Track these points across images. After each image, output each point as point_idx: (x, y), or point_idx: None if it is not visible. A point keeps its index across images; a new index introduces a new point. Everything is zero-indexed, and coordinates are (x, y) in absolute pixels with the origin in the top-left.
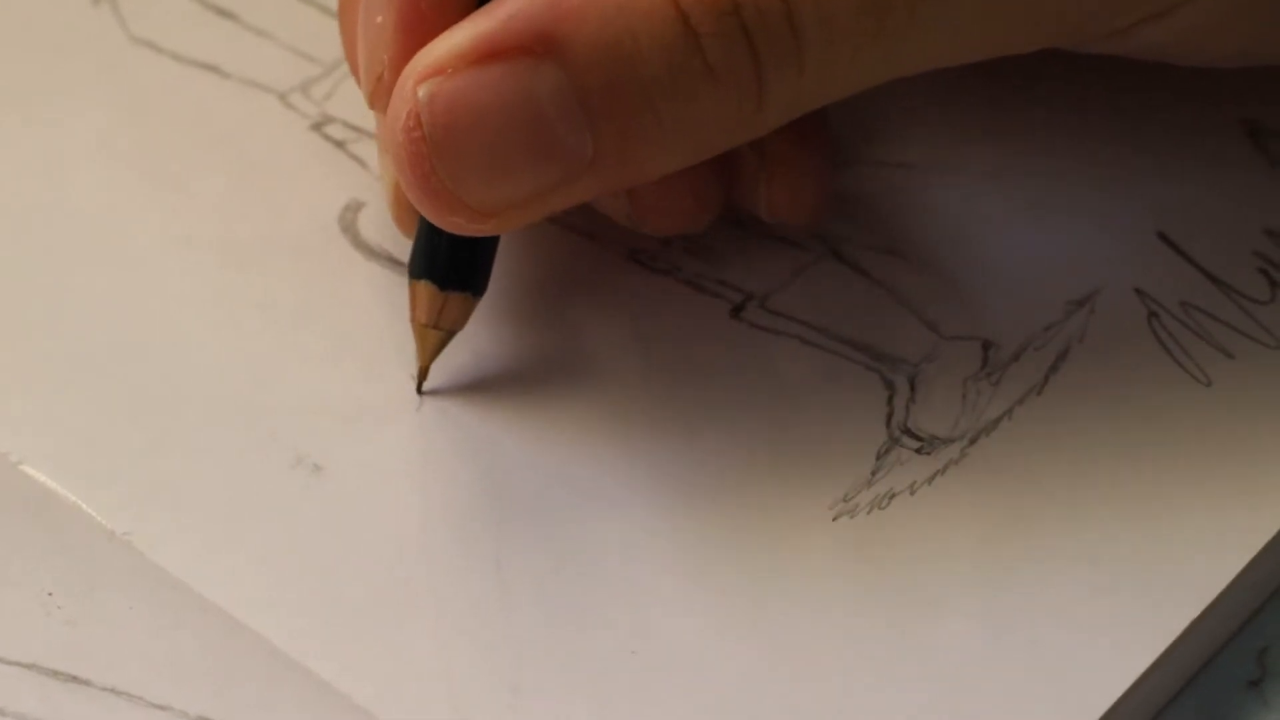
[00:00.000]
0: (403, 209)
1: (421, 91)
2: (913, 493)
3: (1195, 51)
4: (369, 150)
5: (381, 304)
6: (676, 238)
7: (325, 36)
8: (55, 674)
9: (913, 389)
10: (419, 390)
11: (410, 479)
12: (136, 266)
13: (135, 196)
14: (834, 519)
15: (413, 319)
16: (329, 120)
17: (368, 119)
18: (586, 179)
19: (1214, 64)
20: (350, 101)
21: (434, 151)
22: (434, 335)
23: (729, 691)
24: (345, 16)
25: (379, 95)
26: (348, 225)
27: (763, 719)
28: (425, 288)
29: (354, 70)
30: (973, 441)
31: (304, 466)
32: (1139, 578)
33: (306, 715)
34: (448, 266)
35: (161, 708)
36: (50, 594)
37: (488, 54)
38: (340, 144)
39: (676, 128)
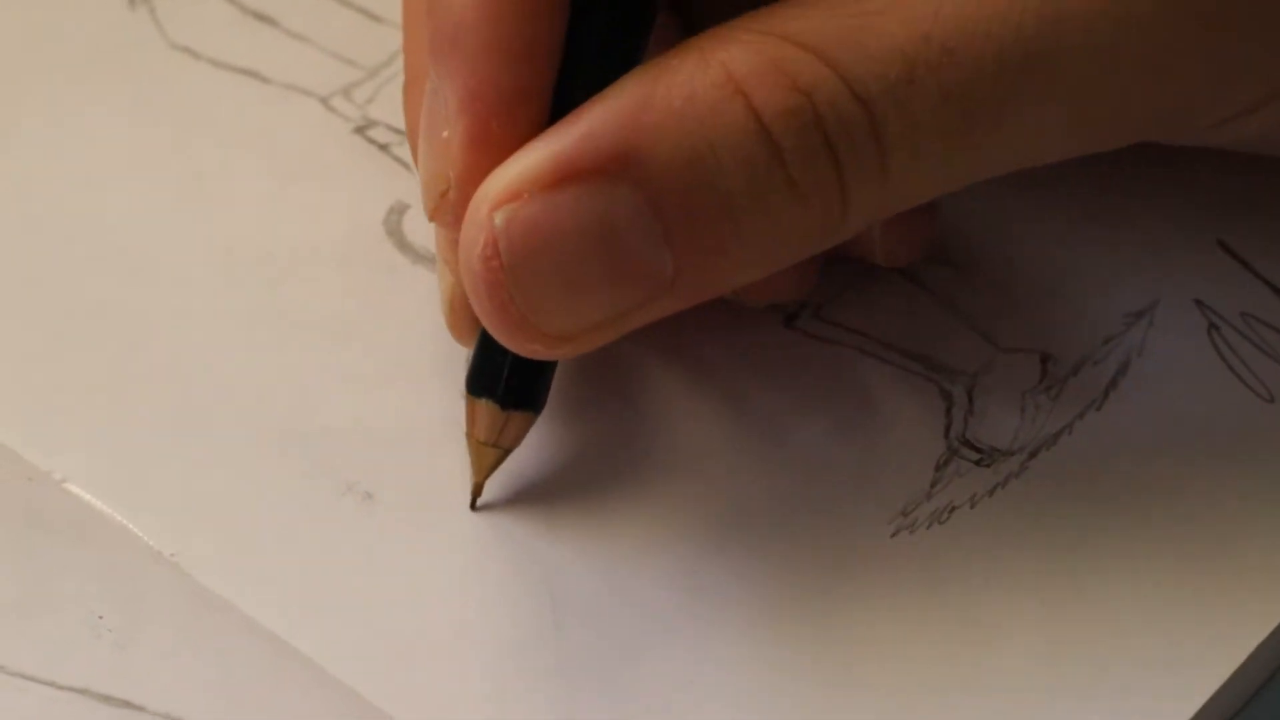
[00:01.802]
0: (459, 319)
1: (498, 219)
2: (973, 506)
3: None
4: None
5: (430, 311)
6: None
7: (367, 40)
8: (108, 699)
9: (970, 401)
10: (473, 506)
11: (462, 506)
12: (178, 280)
13: (176, 206)
14: (893, 535)
15: (470, 435)
16: (372, 124)
17: None
18: (666, 298)
19: None
20: (393, 105)
21: (512, 280)
22: (492, 453)
23: (784, 714)
24: (410, 106)
25: (443, 211)
26: (393, 228)
27: None
28: (487, 407)
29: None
30: (1033, 455)
31: (354, 494)
32: (1203, 598)
33: None
34: (510, 386)
35: None
36: (100, 617)
37: (564, 176)
38: (384, 147)
39: (758, 241)
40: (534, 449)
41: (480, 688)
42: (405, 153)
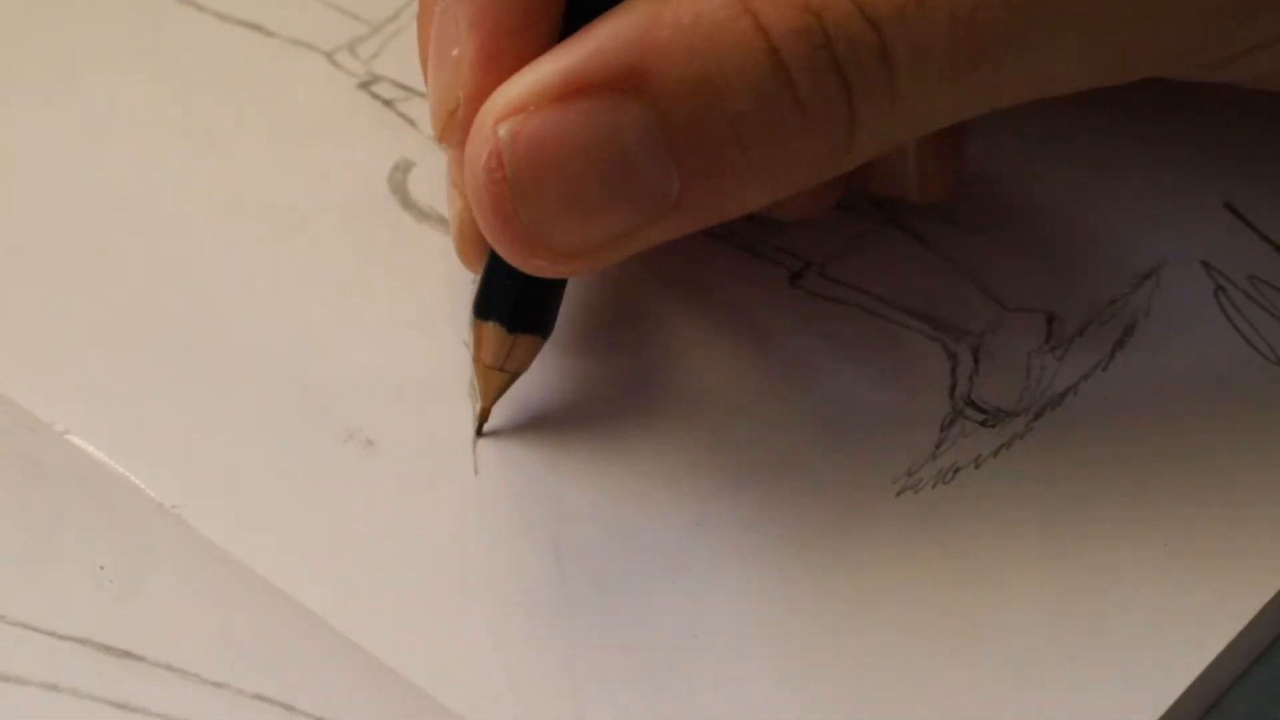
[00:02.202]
0: (468, 244)
1: (503, 130)
2: (978, 466)
3: None
4: (418, 109)
5: (433, 268)
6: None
7: None
8: (109, 650)
9: (976, 360)
10: (478, 432)
11: (464, 455)
12: (182, 234)
13: (179, 161)
14: (898, 494)
15: (476, 359)
16: (377, 79)
17: (417, 78)
18: (671, 218)
19: None
20: (398, 60)
21: (516, 193)
22: (499, 377)
23: (790, 674)
24: (423, 32)
25: (451, 130)
26: (397, 185)
27: (825, 701)
28: (494, 330)
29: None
30: (1038, 416)
31: (356, 441)
32: (1208, 559)
33: (364, 695)
34: (517, 308)
35: (218, 685)
36: (102, 568)
37: (571, 90)
38: (389, 103)
39: (765, 164)
40: (541, 384)
41: (483, 636)
42: (410, 109)
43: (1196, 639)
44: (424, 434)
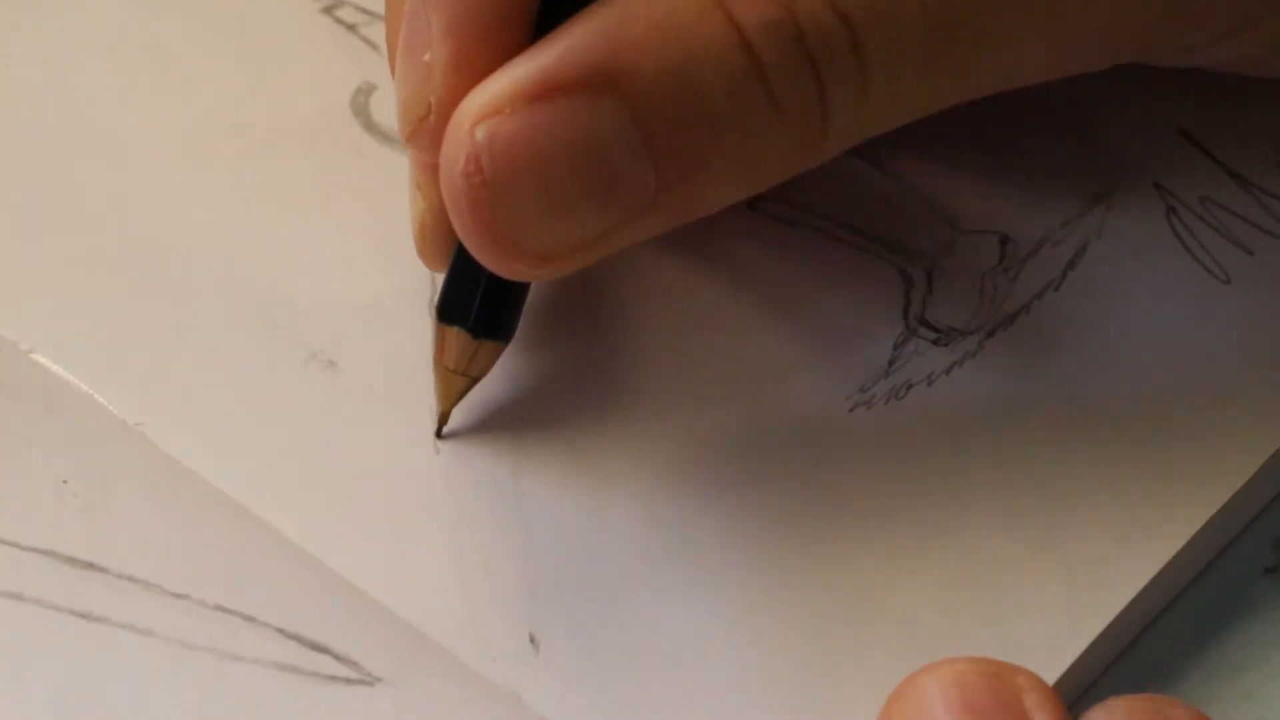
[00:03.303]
0: (430, 244)
1: (480, 133)
2: (930, 384)
3: (1272, 66)
4: (380, 33)
5: (395, 191)
6: None
7: None
8: (71, 561)
9: (930, 282)
10: (439, 434)
11: (426, 375)
12: (147, 156)
13: (143, 85)
14: (851, 409)
15: (437, 362)
16: (339, 3)
17: (378, 2)
18: (649, 217)
19: None
20: None
21: (494, 196)
22: (460, 381)
23: (747, 586)
24: (392, 33)
25: (420, 135)
26: (360, 109)
27: (783, 613)
28: (457, 335)
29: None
30: (990, 335)
31: (318, 362)
32: (1157, 472)
33: (323, 608)
34: (481, 314)
35: (180, 596)
36: (65, 481)
37: (547, 90)
38: (351, 27)
39: (740, 159)
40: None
41: (443, 555)
42: (373, 33)
43: (1146, 550)
44: (385, 355)
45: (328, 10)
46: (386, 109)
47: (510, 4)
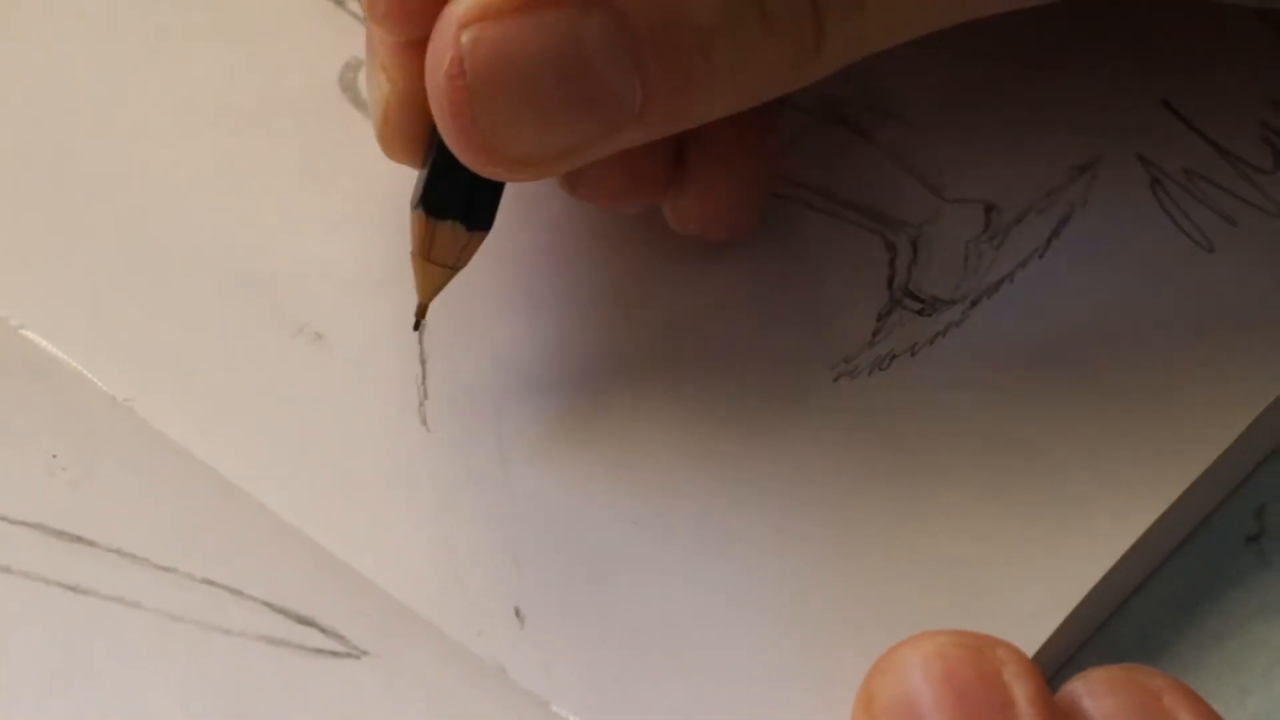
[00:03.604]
0: (393, 132)
1: (465, 37)
2: (914, 354)
3: None
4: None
5: (383, 165)
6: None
7: None
8: (60, 534)
9: (914, 251)
10: (416, 326)
11: (411, 348)
12: (136, 131)
13: (132, 62)
14: (835, 379)
15: (420, 255)
16: None
17: None
18: (632, 128)
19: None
20: None
21: (475, 100)
22: (442, 273)
23: (731, 558)
24: None
25: (391, 16)
26: (348, 84)
27: (766, 583)
28: (451, 229)
29: None
30: (974, 304)
31: (305, 335)
32: (1140, 440)
33: (310, 584)
34: (473, 206)
35: (167, 569)
36: (54, 456)
37: None
38: (339, 2)
39: (730, 74)
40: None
41: (429, 529)
42: (360, 8)
43: (1127, 516)
44: (372, 327)
45: None
46: None
47: None
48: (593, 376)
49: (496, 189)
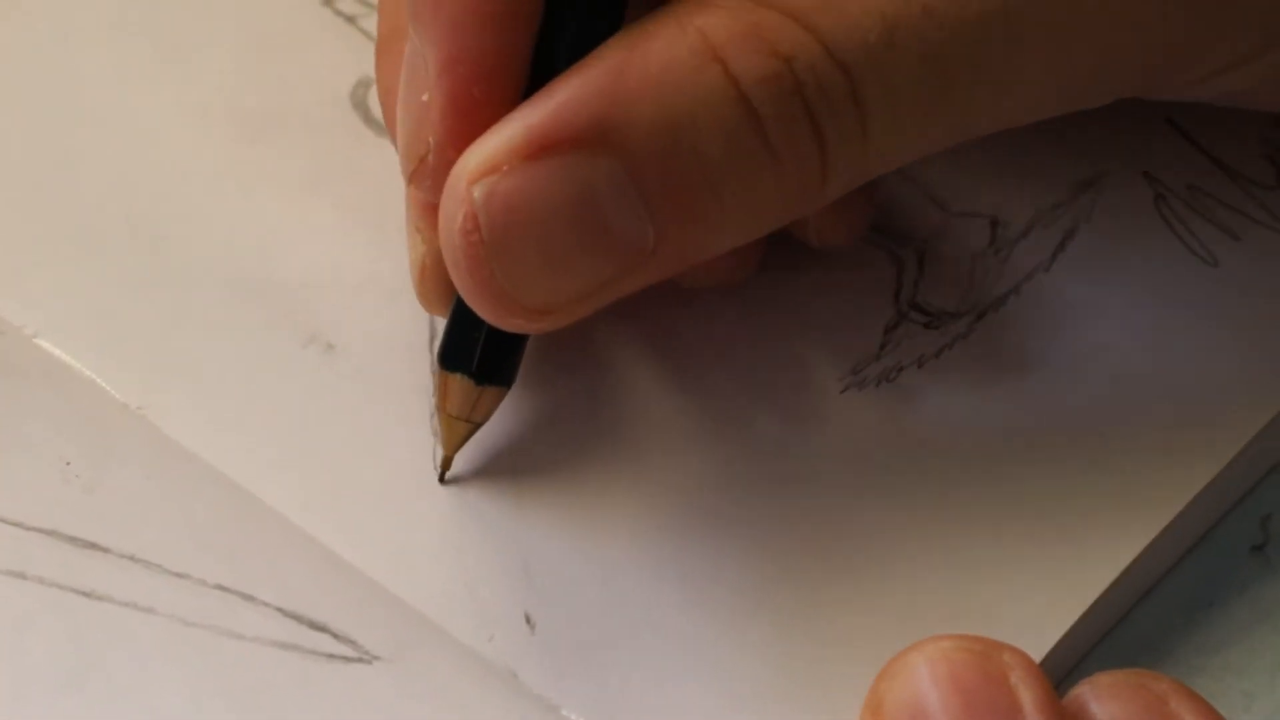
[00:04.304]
0: (429, 288)
1: (477, 191)
2: (920, 366)
3: (1273, 100)
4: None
5: (394, 177)
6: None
7: None
8: (74, 540)
9: (920, 264)
10: (441, 480)
11: (422, 358)
12: (150, 141)
13: (147, 70)
14: (842, 391)
15: (440, 409)
16: None
17: None
18: (647, 268)
19: None
20: None
21: (492, 254)
22: (463, 427)
23: (740, 566)
24: (383, 65)
25: (421, 175)
26: (359, 102)
27: (774, 590)
28: (461, 382)
29: (389, 126)
30: (980, 317)
31: (317, 345)
32: (1146, 451)
33: (322, 588)
34: (484, 360)
35: (180, 576)
36: (68, 463)
37: (543, 147)
38: (351, 19)
39: (738, 209)
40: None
41: (441, 536)
42: (372, 25)
43: (1130, 528)
44: (383, 337)
45: (328, 3)
46: None
47: (507, 46)
48: (602, 386)
49: (509, 343)
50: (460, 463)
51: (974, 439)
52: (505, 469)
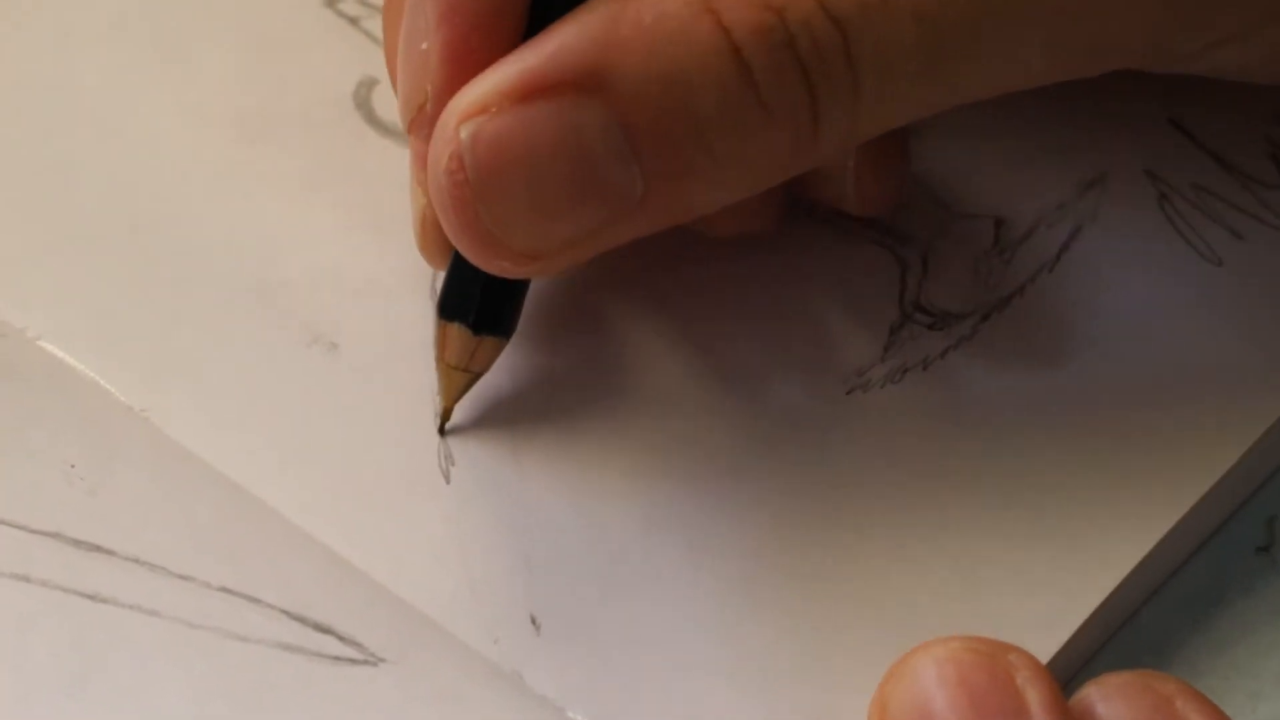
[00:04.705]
0: (430, 240)
1: (464, 132)
2: (925, 367)
3: (1272, 72)
4: (381, 27)
5: (395, 179)
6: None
7: None
8: (78, 543)
9: (925, 265)
10: (441, 431)
11: (426, 358)
12: (151, 142)
13: (148, 70)
14: (847, 393)
15: (439, 359)
16: None
17: None
18: (635, 218)
19: None
20: None
21: (477, 195)
22: (462, 377)
23: (745, 568)
24: (389, 25)
25: (420, 124)
26: (361, 101)
27: (780, 591)
28: (458, 331)
29: (393, 81)
30: (985, 318)
31: (320, 345)
32: (1151, 452)
33: (327, 591)
34: (482, 309)
35: (184, 578)
36: (72, 465)
37: (533, 91)
38: (353, 20)
39: (728, 163)
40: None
41: (445, 537)
42: (374, 26)
43: (1137, 529)
44: (387, 338)
45: (330, 4)
46: (388, 103)
47: None
48: (606, 388)
49: (507, 292)
50: (460, 414)
51: (979, 440)
52: (511, 470)
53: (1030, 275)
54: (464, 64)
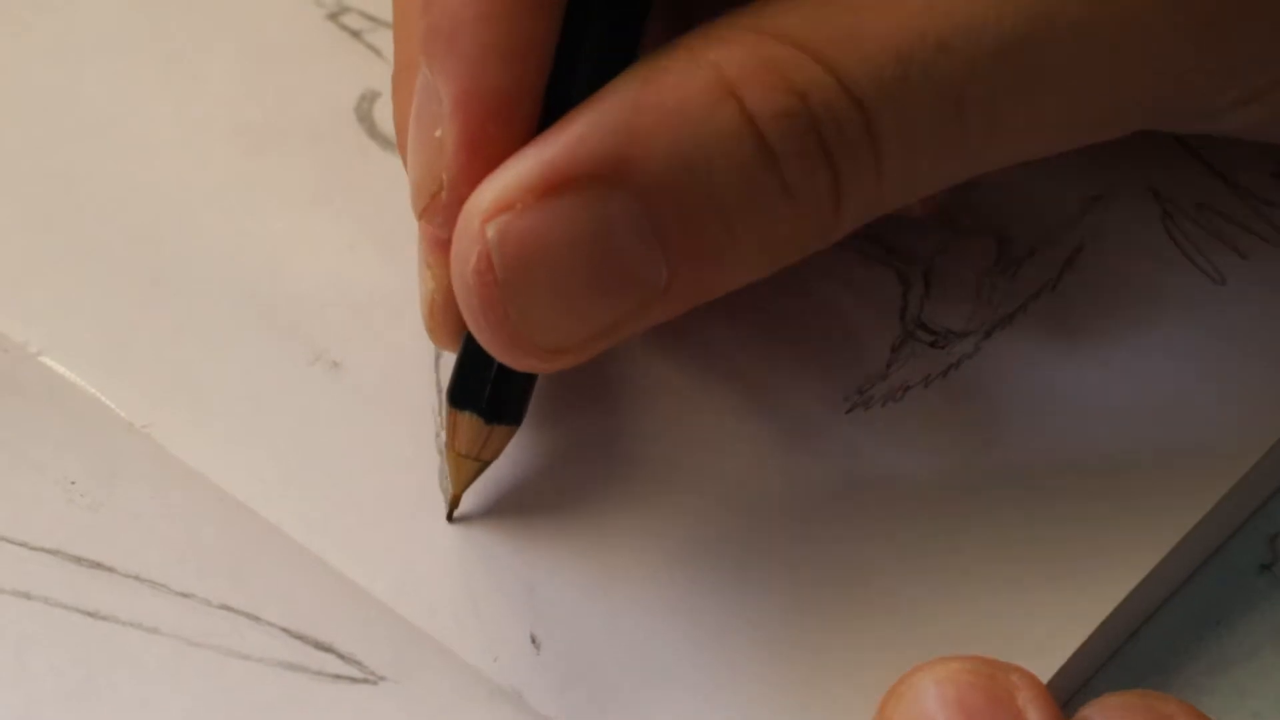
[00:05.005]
0: (440, 324)
1: (491, 230)
2: (927, 385)
3: None
4: (385, 40)
5: (399, 192)
6: None
7: None
8: (79, 560)
9: (926, 283)
10: (450, 518)
11: (428, 376)
12: (154, 156)
13: (150, 83)
14: (848, 410)
15: (449, 447)
16: (345, 10)
17: (384, 9)
18: (660, 305)
19: None
20: None
21: (506, 294)
22: (472, 465)
23: (746, 586)
24: (399, 98)
25: (433, 211)
26: (364, 115)
27: (779, 610)
28: (470, 420)
29: (403, 157)
30: (987, 335)
31: (323, 363)
32: (1154, 470)
33: (328, 609)
34: (494, 399)
35: (185, 595)
36: (73, 482)
37: (558, 185)
38: (356, 34)
39: (753, 245)
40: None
41: (446, 556)
42: (377, 40)
43: (1138, 548)
44: (388, 355)
45: (333, 17)
46: (389, 116)
47: (521, 81)
48: (606, 403)
49: (519, 382)
50: (469, 501)
51: (981, 458)
52: (511, 488)
53: (1033, 293)
54: (482, 153)
